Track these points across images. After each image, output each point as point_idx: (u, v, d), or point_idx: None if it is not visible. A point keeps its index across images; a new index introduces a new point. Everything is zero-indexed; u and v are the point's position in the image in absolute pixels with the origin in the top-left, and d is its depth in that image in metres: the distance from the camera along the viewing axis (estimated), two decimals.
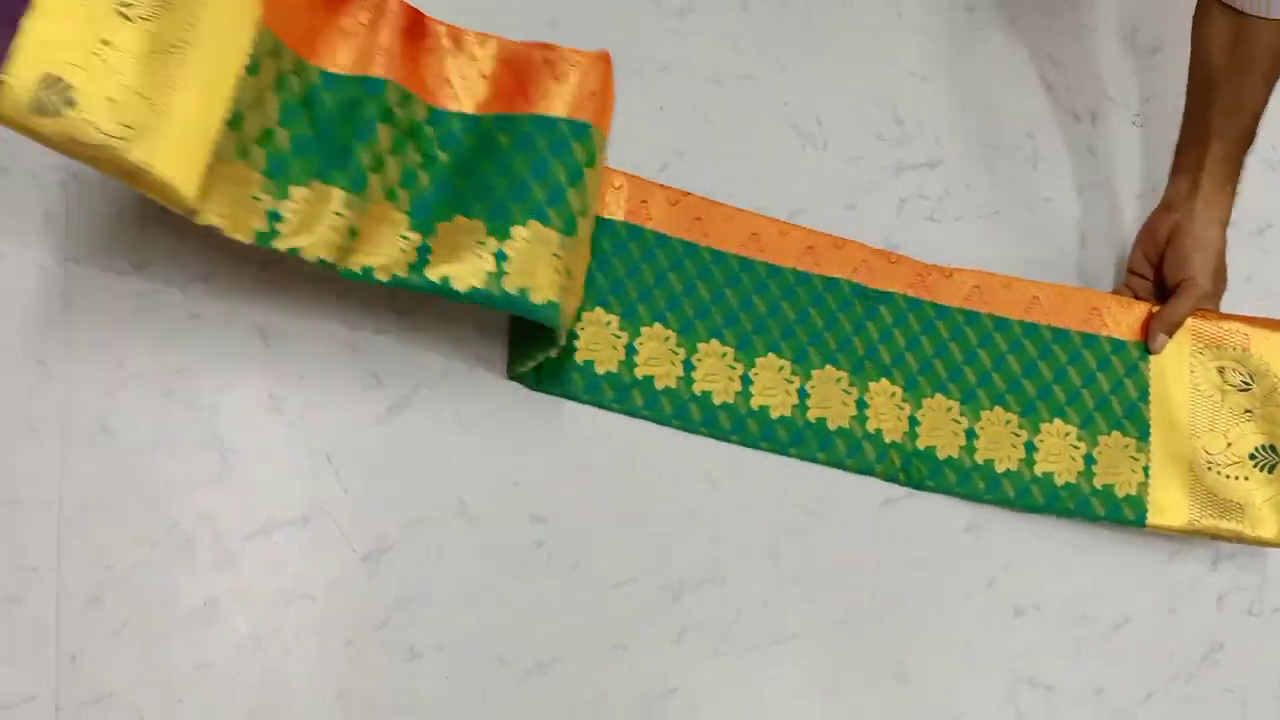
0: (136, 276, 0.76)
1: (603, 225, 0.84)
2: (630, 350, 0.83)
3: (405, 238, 0.73)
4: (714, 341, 0.84)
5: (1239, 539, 0.85)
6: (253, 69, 0.67)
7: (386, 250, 0.72)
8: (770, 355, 0.84)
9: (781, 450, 0.83)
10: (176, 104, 0.61)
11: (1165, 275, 0.90)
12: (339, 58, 0.73)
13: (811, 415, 0.84)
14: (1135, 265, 0.92)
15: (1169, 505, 0.86)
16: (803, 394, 0.84)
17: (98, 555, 0.71)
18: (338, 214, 0.70)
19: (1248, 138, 0.87)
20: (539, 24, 0.89)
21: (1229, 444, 0.87)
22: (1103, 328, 0.89)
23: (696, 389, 0.83)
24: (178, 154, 0.62)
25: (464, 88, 0.78)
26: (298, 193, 0.70)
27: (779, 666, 0.79)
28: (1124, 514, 0.85)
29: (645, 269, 0.84)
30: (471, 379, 0.80)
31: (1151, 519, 0.85)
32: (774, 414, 0.83)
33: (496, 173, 0.75)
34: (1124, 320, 0.89)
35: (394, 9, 0.75)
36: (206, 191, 0.64)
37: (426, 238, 0.73)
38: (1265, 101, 0.86)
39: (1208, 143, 0.86)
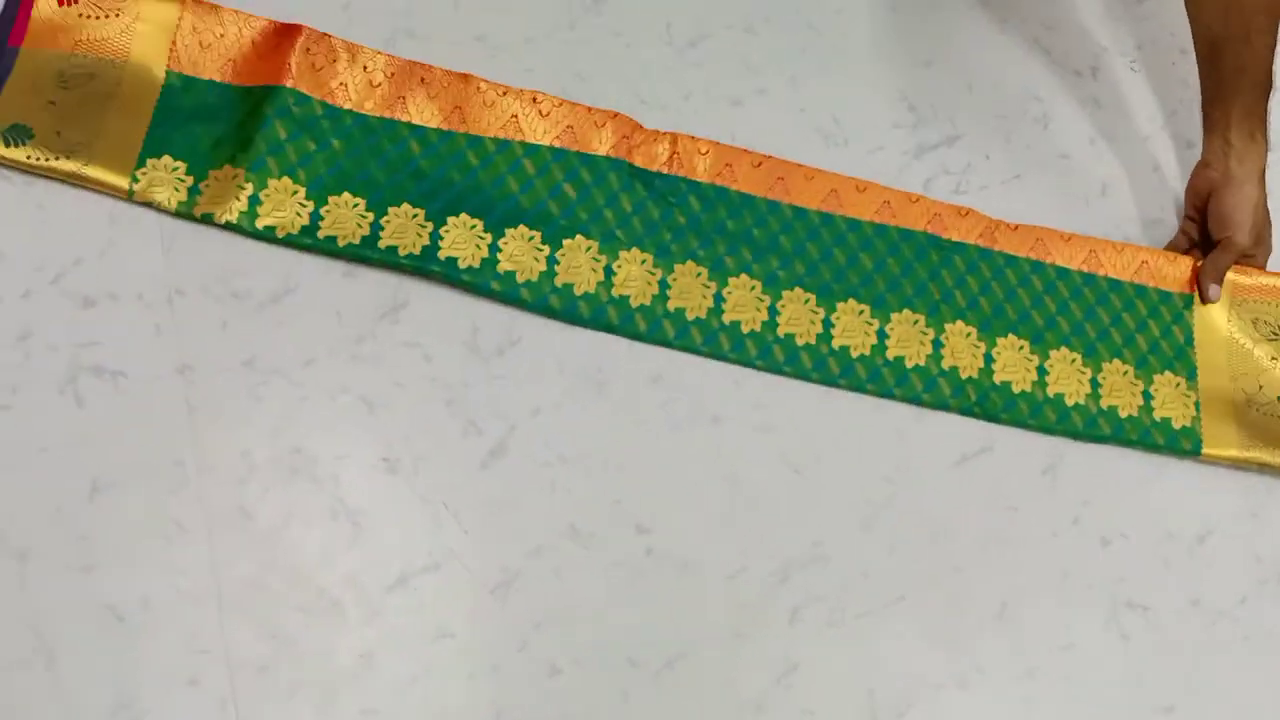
0: (246, 371, 0.83)
1: (690, 186, 0.93)
2: (718, 299, 0.90)
3: (302, 205, 0.87)
4: (797, 289, 0.92)
5: None
6: (165, 98, 0.89)
7: (284, 214, 0.87)
8: (850, 300, 0.92)
9: (859, 387, 0.90)
10: (109, 129, 0.87)
11: (1209, 230, 0.97)
12: (256, 75, 0.91)
13: (890, 354, 0.91)
14: (1189, 213, 0.99)
15: (1220, 437, 0.93)
16: (881, 335, 0.91)
17: (259, 629, 0.77)
18: (240, 187, 0.87)
19: (1264, 87, 0.92)
20: (566, 77, 0.96)
21: (1260, 387, 0.95)
22: (1150, 279, 0.97)
23: (780, 331, 0.90)
24: (111, 160, 0.86)
25: (355, 91, 0.91)
26: (213, 173, 0.87)
27: (892, 628, 0.84)
28: (1181, 445, 0.92)
29: (731, 225, 0.93)
30: (559, 413, 0.86)
31: (1207, 449, 0.92)
32: (854, 353, 0.90)
33: (378, 165, 0.90)
34: (1169, 274, 0.98)
35: (302, 34, 0.92)
36: (140, 179, 0.86)
37: (319, 207, 0.87)
38: (1272, 50, 0.91)
39: (1228, 102, 0.92)
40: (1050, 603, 0.87)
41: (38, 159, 0.85)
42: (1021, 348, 0.93)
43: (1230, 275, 0.97)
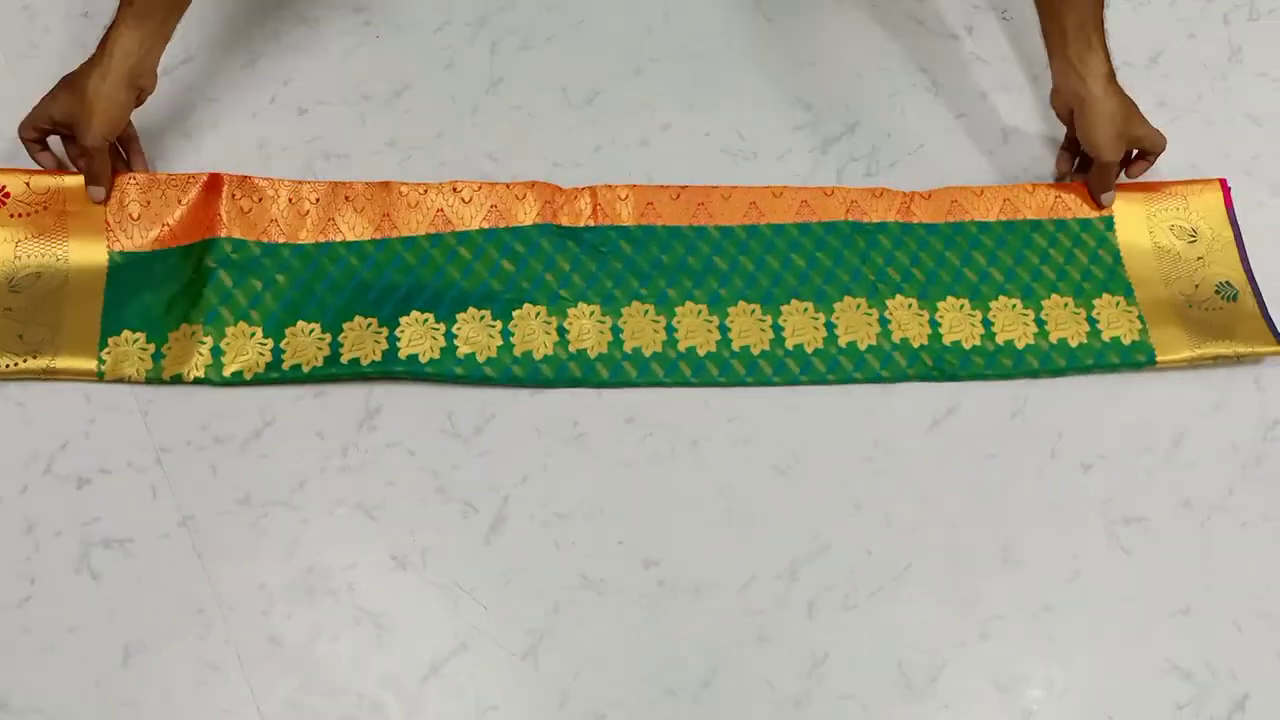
0: (244, 508, 0.87)
1: (619, 232, 0.97)
2: (670, 330, 0.94)
3: (262, 344, 0.92)
4: (741, 304, 0.96)
5: (1240, 357, 0.96)
6: (112, 277, 0.93)
7: (247, 357, 0.91)
8: (793, 301, 0.96)
9: (821, 380, 0.94)
10: (66, 321, 0.91)
11: (1082, 148, 1.00)
12: (190, 233, 0.95)
13: (842, 341, 0.95)
14: (1068, 135, 1.03)
15: (1170, 342, 0.96)
16: (830, 326, 0.95)
17: None
18: (200, 342, 0.91)
19: None
20: (480, 161, 1.00)
21: (1196, 286, 0.99)
22: (1066, 211, 1.01)
23: (735, 346, 0.94)
24: (75, 348, 0.90)
25: (287, 224, 0.96)
26: (172, 335, 0.91)
27: (906, 597, 0.87)
28: (1135, 358, 0.95)
29: (665, 259, 0.97)
30: (546, 474, 0.90)
31: (1161, 356, 0.95)
32: (809, 349, 0.94)
33: (324, 288, 0.94)
34: (1084, 202, 1.02)
35: (225, 183, 0.96)
36: (106, 359, 0.90)
37: (279, 342, 0.92)
38: None
39: (1062, 17, 0.95)
40: (1049, 537, 0.90)
41: (7, 366, 0.89)
42: (962, 306, 0.97)
43: (1139, 189, 1.02)
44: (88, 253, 0.94)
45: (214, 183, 0.96)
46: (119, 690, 0.80)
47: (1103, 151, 0.97)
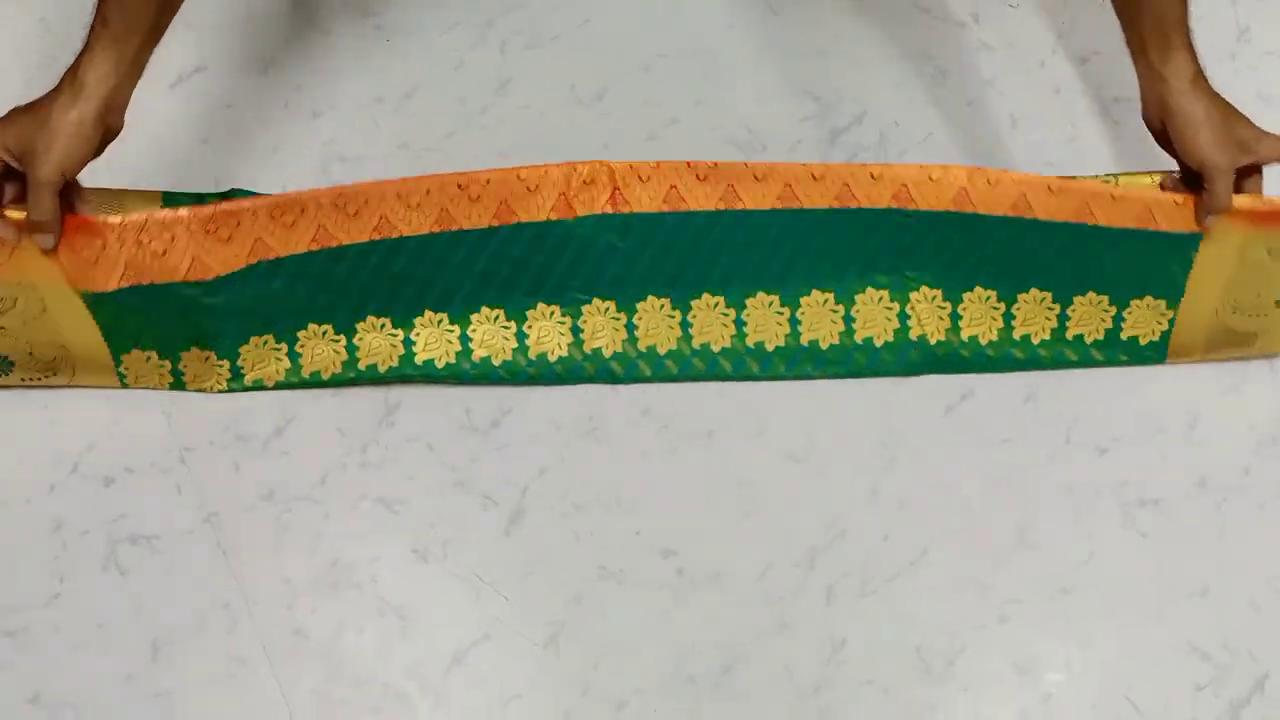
0: (267, 503, 0.88)
1: (648, 221, 0.91)
2: (685, 326, 0.94)
3: (276, 348, 0.91)
4: (760, 294, 0.93)
5: (1249, 355, 0.95)
6: (93, 307, 0.86)
7: (266, 366, 0.92)
8: (814, 292, 0.94)
9: (835, 375, 0.93)
10: (66, 336, 0.88)
11: (1183, 163, 0.87)
12: (164, 274, 0.85)
13: (859, 336, 0.94)
14: (1169, 152, 0.88)
15: (1187, 344, 0.94)
16: (848, 319, 0.94)
17: None
18: (218, 365, 0.91)
19: None
20: (491, 159, 1.00)
21: (1259, 295, 0.91)
22: (1152, 223, 0.88)
23: (750, 341, 0.94)
24: (91, 364, 0.89)
25: (275, 239, 0.87)
26: (185, 355, 0.91)
27: (923, 583, 0.88)
28: (1147, 356, 0.95)
29: (682, 249, 0.92)
30: (564, 467, 0.91)
31: (1171, 358, 0.95)
32: (824, 344, 0.94)
33: (332, 287, 0.90)
34: (1177, 217, 0.88)
35: (193, 218, 0.84)
36: (126, 373, 0.91)
37: (294, 346, 0.92)
38: None
39: (1137, 18, 0.85)
40: (1065, 520, 0.90)
41: (28, 379, 0.90)
42: (988, 298, 0.94)
43: (1249, 202, 0.86)
44: (55, 287, 0.85)
45: (178, 220, 0.84)
46: (149, 684, 0.82)
47: (1206, 156, 0.83)
